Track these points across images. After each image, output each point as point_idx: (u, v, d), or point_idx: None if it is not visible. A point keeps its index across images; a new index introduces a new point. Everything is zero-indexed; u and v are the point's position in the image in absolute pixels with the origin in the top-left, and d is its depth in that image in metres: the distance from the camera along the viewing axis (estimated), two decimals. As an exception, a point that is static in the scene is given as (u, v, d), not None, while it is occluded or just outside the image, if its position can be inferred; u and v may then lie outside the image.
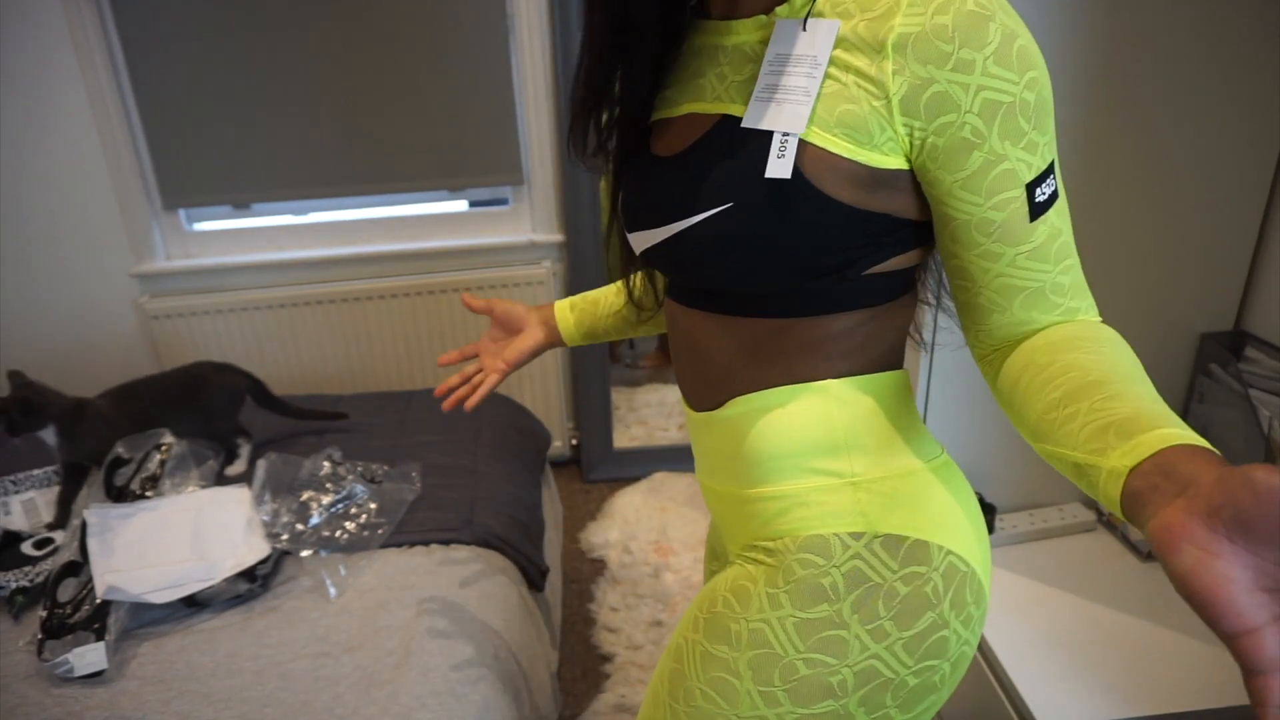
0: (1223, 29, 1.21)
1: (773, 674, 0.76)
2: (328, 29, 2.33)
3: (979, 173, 0.65)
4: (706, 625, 0.81)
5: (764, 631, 0.77)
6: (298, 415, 2.01)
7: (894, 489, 0.76)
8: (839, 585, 0.75)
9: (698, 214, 0.71)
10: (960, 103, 0.63)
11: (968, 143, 0.64)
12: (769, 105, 0.68)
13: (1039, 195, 0.66)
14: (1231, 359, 1.35)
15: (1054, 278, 0.69)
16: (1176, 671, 1.19)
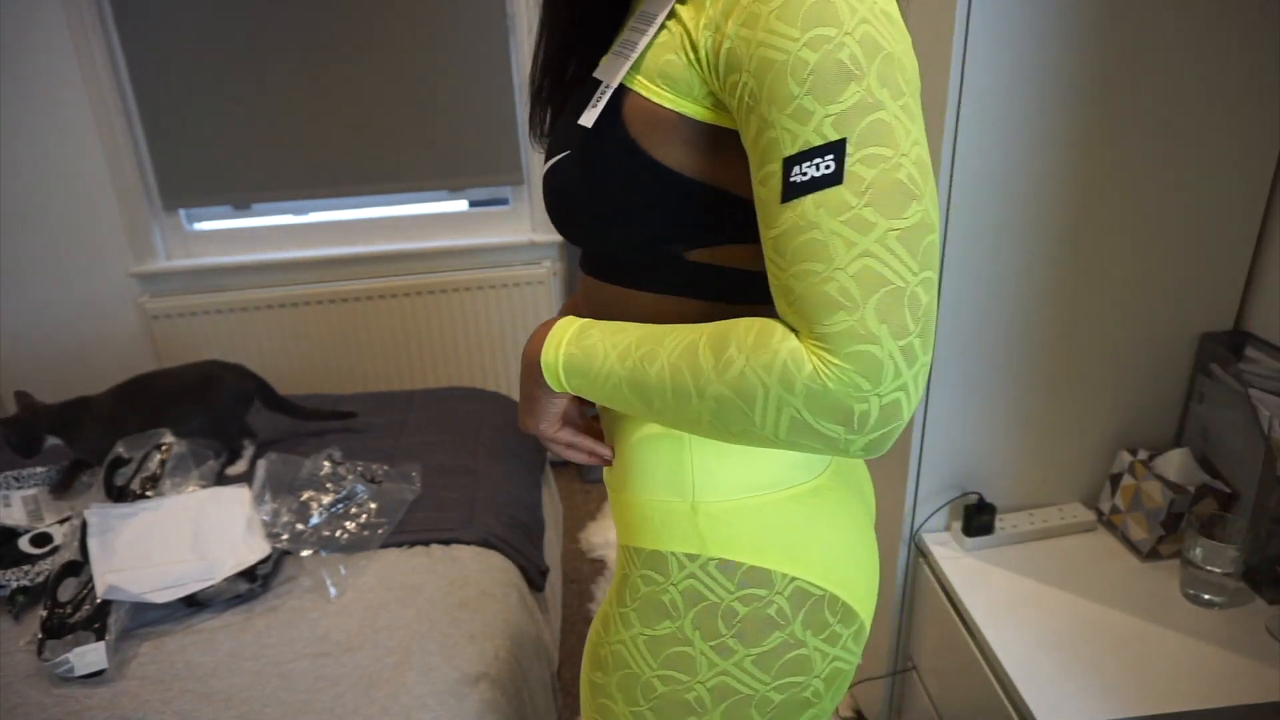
0: (1223, 29, 1.21)
1: (636, 693, 0.76)
2: (328, 29, 2.33)
3: (755, 139, 0.58)
4: (588, 655, 0.83)
5: (622, 652, 0.77)
6: (305, 416, 2.01)
7: (735, 515, 0.73)
8: (678, 602, 0.74)
9: (553, 158, 0.70)
10: (742, 60, 0.57)
11: (747, 105, 0.57)
12: (608, 58, 0.68)
13: (796, 175, 0.56)
14: (1231, 359, 1.35)
15: (784, 279, 0.58)
16: (1176, 671, 1.19)
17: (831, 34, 0.54)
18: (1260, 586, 1.31)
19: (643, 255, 0.69)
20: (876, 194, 0.55)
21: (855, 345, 0.55)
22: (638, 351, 0.65)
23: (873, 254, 0.55)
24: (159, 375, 1.87)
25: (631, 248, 0.68)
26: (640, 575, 0.76)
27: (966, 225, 1.28)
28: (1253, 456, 1.29)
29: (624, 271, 0.72)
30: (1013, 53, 1.18)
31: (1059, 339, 1.38)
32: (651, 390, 0.64)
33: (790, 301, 0.58)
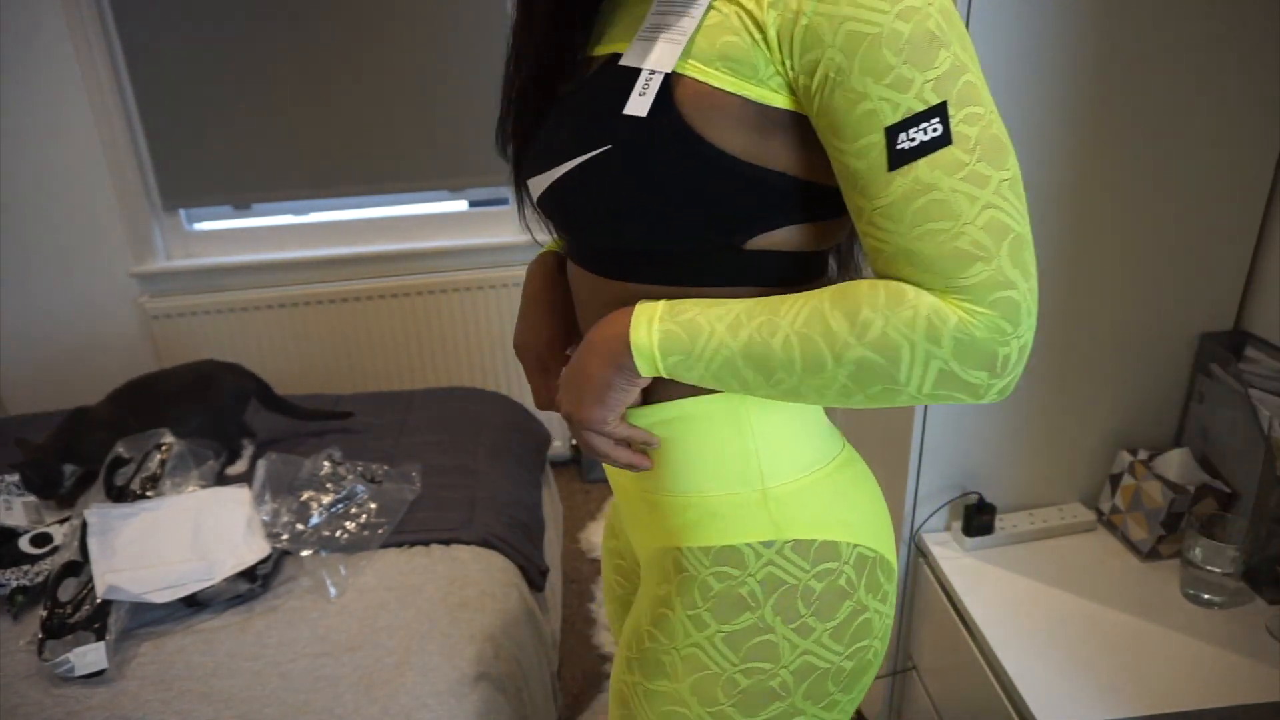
0: (1223, 28, 1.21)
1: (716, 693, 0.76)
2: (328, 29, 2.33)
3: (844, 115, 0.59)
4: (641, 665, 0.80)
5: (697, 655, 0.76)
6: (303, 416, 2.01)
7: (800, 495, 0.75)
8: (757, 593, 0.74)
9: (575, 155, 0.65)
10: (824, 36, 0.58)
11: (832, 81, 0.58)
12: (649, 44, 0.64)
13: (902, 141, 0.58)
14: (1231, 359, 1.35)
15: (905, 243, 0.59)
16: (1176, 671, 1.19)
17: (918, 5, 0.57)
18: (1260, 586, 1.31)
19: (699, 248, 0.67)
20: (984, 149, 0.58)
21: (997, 293, 0.58)
22: (752, 322, 0.63)
23: (994, 205, 0.58)
24: (156, 377, 1.87)
25: (688, 241, 0.66)
26: (712, 574, 0.75)
27: (966, 225, 1.28)
28: (1253, 456, 1.29)
29: (668, 268, 0.68)
30: (1012, 53, 1.18)
31: (1059, 339, 1.38)
32: (775, 362, 0.63)
33: (915, 263, 0.59)
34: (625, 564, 1.00)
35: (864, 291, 0.61)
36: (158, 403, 1.81)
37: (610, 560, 1.03)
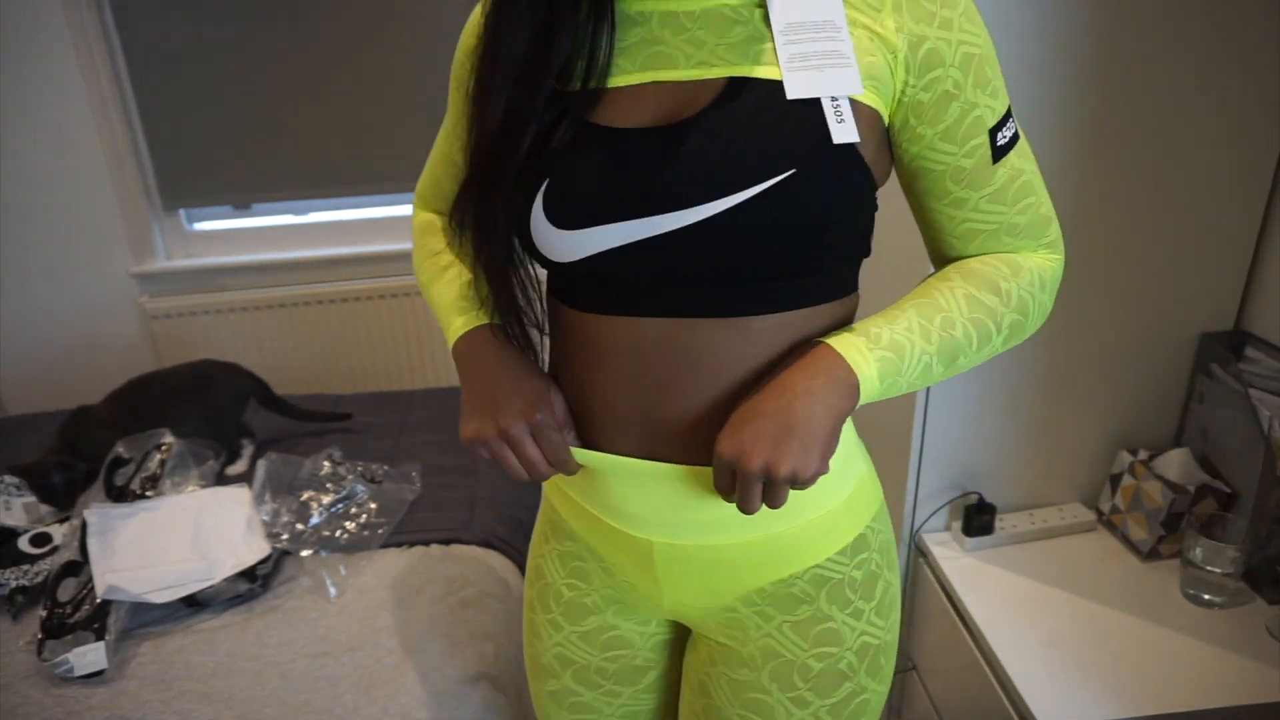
0: (1223, 28, 1.21)
1: (793, 678, 0.79)
2: (328, 29, 2.33)
3: (956, 123, 0.68)
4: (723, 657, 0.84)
5: (770, 644, 0.80)
6: (301, 417, 2.01)
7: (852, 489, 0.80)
8: (807, 590, 0.78)
9: (751, 186, 0.61)
10: (945, 57, 0.66)
11: (949, 95, 0.67)
12: (804, 72, 0.64)
13: (1000, 139, 0.70)
14: (1231, 359, 1.35)
15: (1010, 218, 0.73)
16: (1176, 671, 1.19)
17: (986, 29, 0.69)
18: (1260, 586, 1.31)
19: (846, 264, 0.72)
20: (1026, 139, 0.74)
21: (1061, 240, 0.78)
22: (933, 324, 0.69)
23: (1040, 178, 0.75)
24: (155, 377, 1.87)
25: (847, 258, 0.71)
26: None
27: (966, 225, 1.28)
28: (1253, 456, 1.29)
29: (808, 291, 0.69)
30: (1012, 53, 1.18)
31: (1059, 339, 1.38)
32: (960, 349, 0.70)
33: (1015, 233, 0.74)
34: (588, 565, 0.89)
35: (990, 268, 0.73)
36: (156, 402, 1.81)
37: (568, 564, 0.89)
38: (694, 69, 0.66)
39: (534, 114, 0.66)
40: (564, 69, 0.67)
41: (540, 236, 0.68)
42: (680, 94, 0.66)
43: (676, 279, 0.67)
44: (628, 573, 0.82)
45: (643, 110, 0.67)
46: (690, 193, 0.63)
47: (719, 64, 0.66)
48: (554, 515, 0.89)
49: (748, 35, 0.66)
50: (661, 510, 0.75)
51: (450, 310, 0.80)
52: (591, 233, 0.66)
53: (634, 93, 0.67)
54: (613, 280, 0.68)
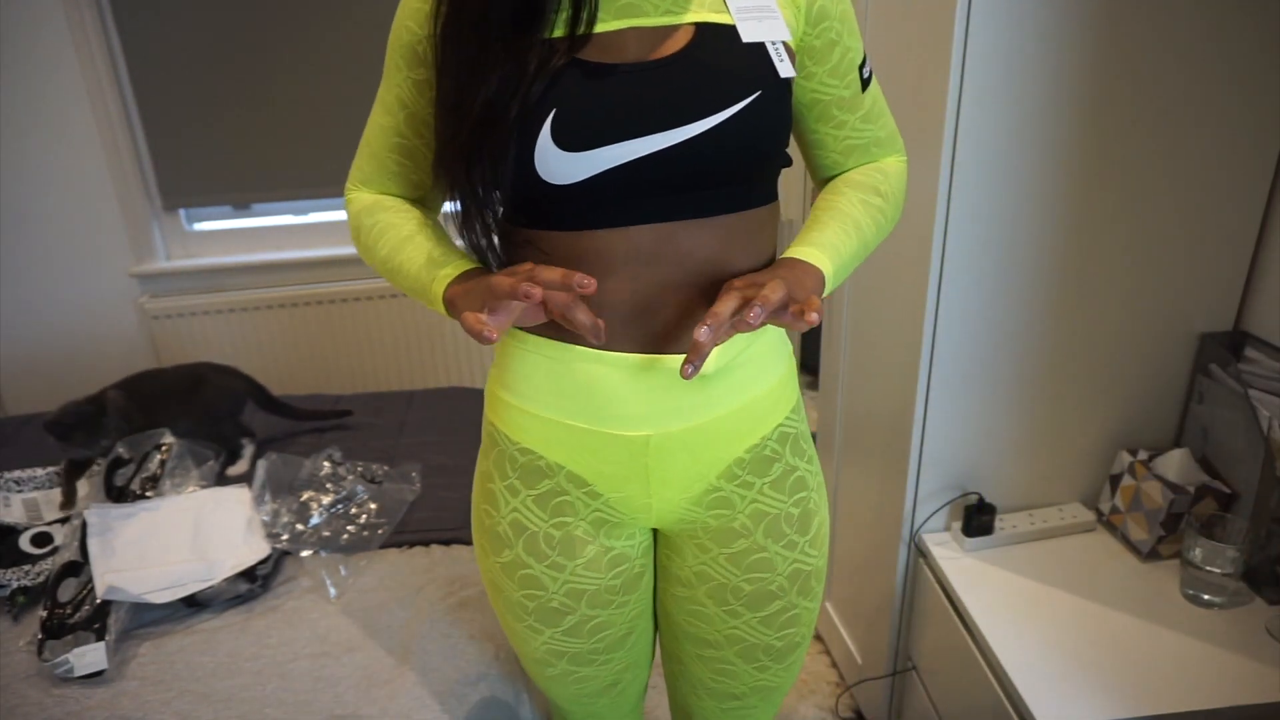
0: (1223, 28, 1.21)
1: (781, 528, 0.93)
2: (328, 29, 2.33)
3: (839, 62, 0.87)
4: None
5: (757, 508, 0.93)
6: (301, 417, 2.01)
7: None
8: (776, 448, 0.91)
9: (737, 101, 0.77)
10: (830, 12, 0.85)
11: (833, 41, 0.86)
12: (750, 22, 0.81)
13: (865, 72, 0.90)
14: (1231, 359, 1.35)
15: (876, 133, 0.93)
16: (1176, 672, 1.19)
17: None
18: (1260, 586, 1.31)
19: (775, 172, 0.87)
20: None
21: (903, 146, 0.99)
22: (850, 227, 0.87)
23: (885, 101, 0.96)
24: (151, 375, 1.87)
25: (777, 167, 0.86)
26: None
27: (966, 225, 1.28)
28: (1253, 456, 1.29)
29: (762, 191, 0.85)
30: (1012, 52, 1.18)
31: (1059, 339, 1.38)
32: (867, 241, 0.89)
33: (881, 144, 0.94)
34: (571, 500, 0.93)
35: (868, 177, 0.92)
36: (152, 402, 1.81)
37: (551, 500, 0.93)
38: (662, 17, 0.79)
39: (529, 66, 0.75)
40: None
41: (546, 161, 0.76)
42: (655, 37, 0.79)
43: (667, 189, 0.79)
44: (616, 484, 0.89)
45: (626, 50, 0.78)
46: (683, 114, 0.76)
47: (682, 12, 0.79)
48: (515, 464, 0.91)
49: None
50: (659, 401, 0.84)
51: (429, 266, 0.85)
52: (597, 153, 0.76)
53: (615, 37, 0.79)
54: (610, 195, 0.78)
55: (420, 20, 0.82)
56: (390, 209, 0.91)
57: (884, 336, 1.50)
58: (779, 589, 0.94)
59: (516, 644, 1.03)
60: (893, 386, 1.47)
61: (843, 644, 1.86)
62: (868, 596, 1.70)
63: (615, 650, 1.01)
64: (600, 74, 0.77)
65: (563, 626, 0.97)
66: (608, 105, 0.76)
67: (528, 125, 0.76)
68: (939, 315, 1.34)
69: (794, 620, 0.97)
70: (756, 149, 0.81)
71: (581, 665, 1.01)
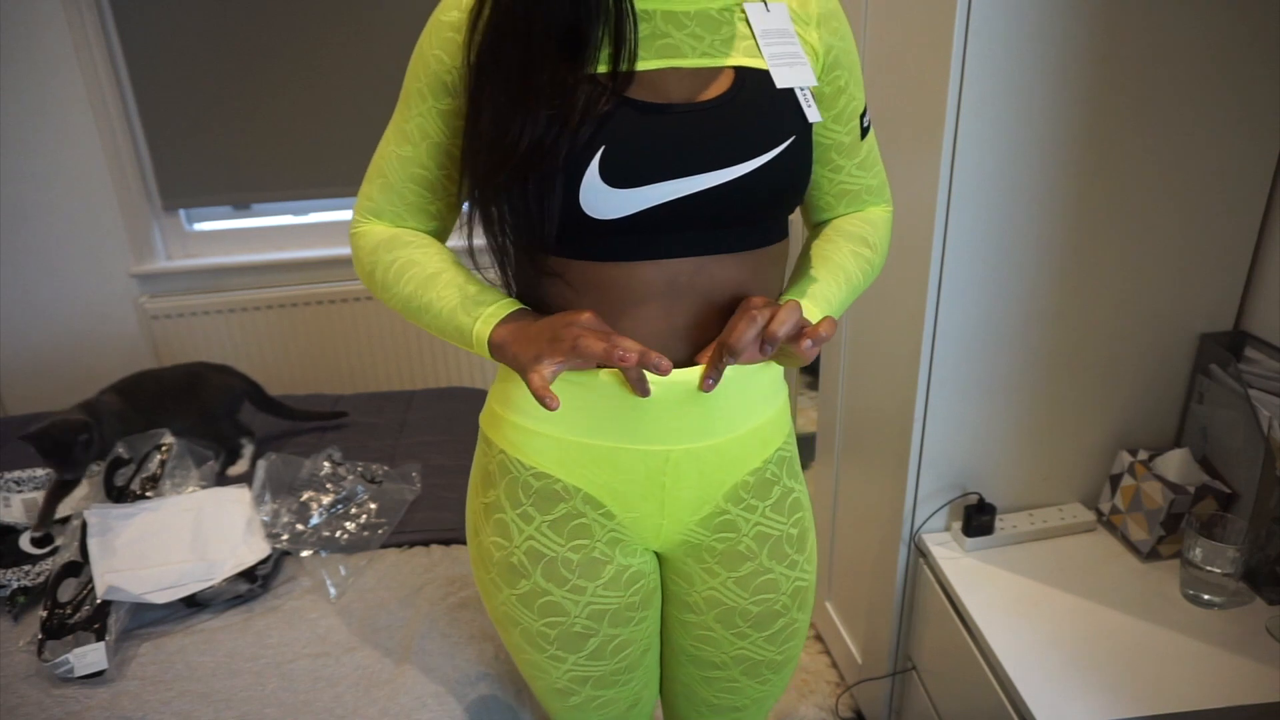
0: (1223, 29, 1.21)
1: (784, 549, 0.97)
2: (328, 29, 2.33)
3: (843, 109, 0.91)
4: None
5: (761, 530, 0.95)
6: (298, 417, 2.01)
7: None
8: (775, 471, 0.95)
9: (777, 146, 0.80)
10: (842, 61, 0.89)
11: (841, 89, 0.90)
12: (783, 69, 0.83)
13: (865, 121, 0.94)
14: (1231, 359, 1.35)
15: (868, 181, 0.97)
16: (1176, 671, 1.19)
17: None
18: (1260, 586, 1.31)
19: (794, 208, 0.90)
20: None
21: (891, 196, 1.03)
22: (841, 278, 0.90)
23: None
24: (148, 376, 1.87)
25: (797, 205, 0.89)
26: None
27: (966, 226, 1.28)
28: (1253, 456, 1.29)
29: (779, 226, 0.88)
30: (1012, 53, 1.18)
31: (1059, 339, 1.38)
32: (854, 289, 0.92)
33: (873, 192, 0.98)
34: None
35: (857, 227, 0.95)
36: (151, 401, 1.81)
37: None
38: (700, 59, 0.81)
39: (577, 103, 0.75)
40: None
41: (592, 197, 0.77)
42: (695, 79, 0.81)
43: (704, 225, 0.81)
44: (632, 504, 0.90)
45: (669, 90, 0.80)
46: (729, 156, 0.79)
47: (719, 55, 0.82)
48: (529, 490, 0.91)
49: (733, 34, 0.83)
50: (679, 418, 0.85)
51: (467, 305, 0.83)
52: (643, 190, 0.78)
53: (655, 76, 0.80)
54: (650, 230, 0.80)
55: (452, 50, 0.81)
56: (410, 244, 0.89)
57: (884, 336, 1.50)
58: (783, 608, 0.97)
59: (535, 676, 1.01)
60: (893, 387, 1.47)
61: (843, 644, 1.86)
62: (868, 596, 1.70)
63: (635, 669, 1.02)
64: (650, 112, 0.77)
65: (586, 650, 0.96)
66: (658, 144, 0.77)
67: (576, 161, 0.76)
68: (939, 315, 1.34)
69: (794, 634, 1.01)
70: (790, 189, 0.84)
71: (605, 689, 1.00)
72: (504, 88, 0.76)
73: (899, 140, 1.36)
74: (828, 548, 1.90)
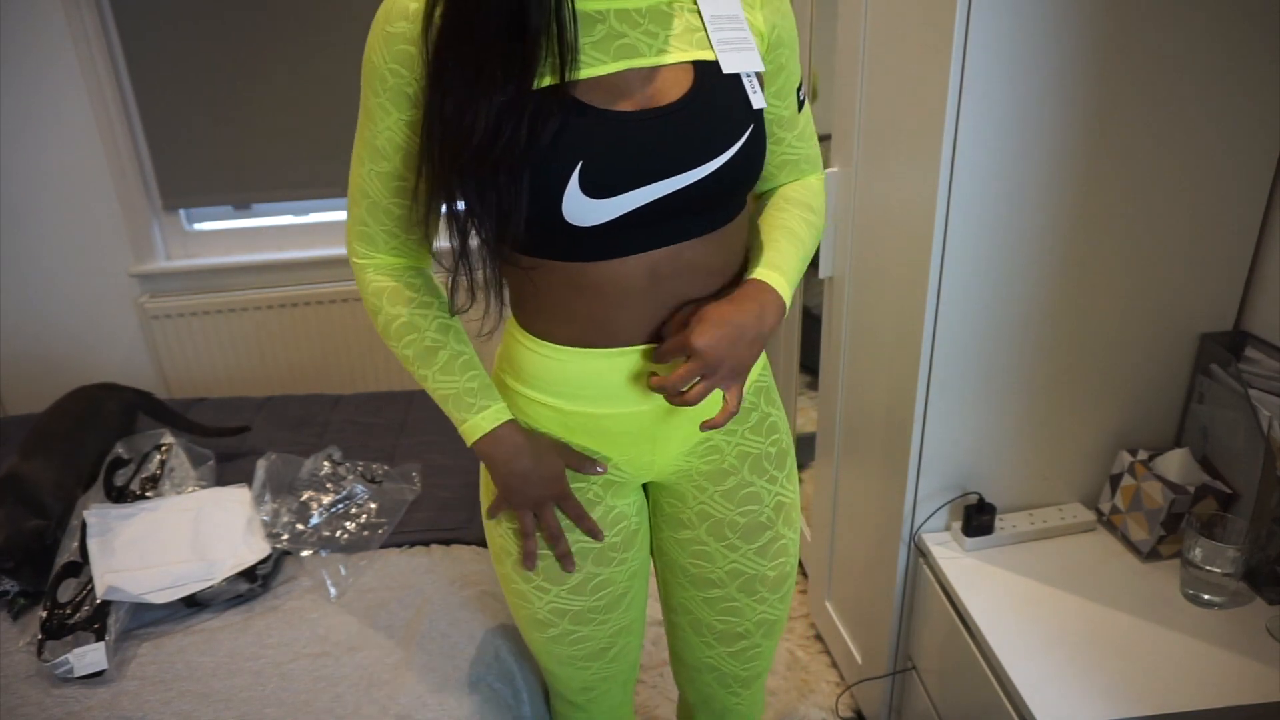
0: (1223, 28, 1.21)
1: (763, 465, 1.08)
2: (328, 29, 2.33)
3: (784, 85, 0.97)
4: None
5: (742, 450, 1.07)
6: (192, 429, 1.90)
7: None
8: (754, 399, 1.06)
9: (738, 139, 0.87)
10: (784, 40, 0.95)
11: (782, 66, 0.96)
12: (731, 54, 0.88)
13: (800, 95, 1.00)
14: (1231, 359, 1.35)
15: (807, 151, 1.05)
16: (1176, 672, 1.19)
17: None
18: (1260, 587, 1.31)
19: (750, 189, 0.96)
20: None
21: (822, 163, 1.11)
22: (794, 243, 0.98)
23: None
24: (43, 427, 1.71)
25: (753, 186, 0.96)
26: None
27: (966, 226, 1.28)
28: (1253, 457, 1.29)
29: (736, 210, 0.95)
30: (1012, 53, 1.18)
31: (1059, 339, 1.38)
32: (806, 252, 1.00)
33: (809, 160, 1.06)
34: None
35: (800, 194, 1.03)
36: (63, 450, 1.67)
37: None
38: (656, 56, 0.85)
39: (524, 112, 0.79)
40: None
41: (574, 207, 0.83)
42: (654, 77, 0.85)
43: (678, 215, 0.88)
44: (627, 450, 1.02)
45: (631, 91, 0.84)
46: (698, 157, 0.85)
47: (674, 51, 0.86)
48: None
49: (685, 26, 0.87)
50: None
51: (464, 399, 0.95)
52: (622, 198, 0.84)
53: (616, 79, 0.84)
54: (629, 229, 0.86)
55: (407, 62, 0.83)
56: (411, 302, 0.95)
57: (884, 337, 1.50)
58: (768, 520, 1.08)
59: (520, 606, 1.12)
60: (892, 387, 1.47)
61: (843, 644, 1.86)
62: (868, 596, 1.70)
63: (612, 610, 1.11)
64: (623, 122, 0.83)
65: (568, 584, 1.07)
66: (631, 155, 0.83)
67: (556, 175, 0.81)
68: (939, 315, 1.34)
69: (783, 550, 1.11)
70: (752, 174, 0.92)
71: (581, 624, 1.10)
72: (459, 81, 0.79)
73: (899, 140, 1.36)
74: (828, 548, 1.90)
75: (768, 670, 1.22)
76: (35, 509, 1.51)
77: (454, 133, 0.80)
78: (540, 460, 0.97)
